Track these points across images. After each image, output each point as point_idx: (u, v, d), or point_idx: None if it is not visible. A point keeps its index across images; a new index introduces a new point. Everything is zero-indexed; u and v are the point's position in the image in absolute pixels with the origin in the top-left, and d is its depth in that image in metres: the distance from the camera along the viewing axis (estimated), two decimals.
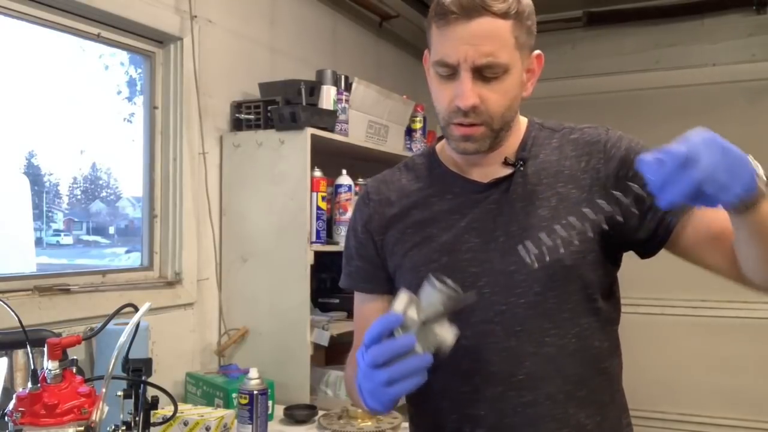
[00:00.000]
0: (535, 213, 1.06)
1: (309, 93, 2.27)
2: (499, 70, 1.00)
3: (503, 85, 1.02)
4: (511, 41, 1.00)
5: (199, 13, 2.25)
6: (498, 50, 0.99)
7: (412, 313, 0.91)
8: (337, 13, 3.10)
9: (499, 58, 0.99)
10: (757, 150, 3.44)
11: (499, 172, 1.11)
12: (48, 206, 2.24)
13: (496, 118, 1.04)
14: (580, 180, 1.08)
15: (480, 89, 1.01)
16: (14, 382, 1.49)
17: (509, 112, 1.06)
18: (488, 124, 1.04)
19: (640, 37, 3.70)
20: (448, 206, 1.13)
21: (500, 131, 1.06)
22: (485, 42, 0.99)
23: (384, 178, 1.23)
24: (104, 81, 2.24)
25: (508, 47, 1.00)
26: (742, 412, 3.44)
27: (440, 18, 1.01)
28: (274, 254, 2.25)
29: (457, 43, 1.00)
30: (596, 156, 1.09)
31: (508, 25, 1.00)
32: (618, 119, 3.69)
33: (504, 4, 0.99)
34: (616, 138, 1.11)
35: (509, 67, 1.01)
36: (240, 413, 1.81)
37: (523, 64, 1.05)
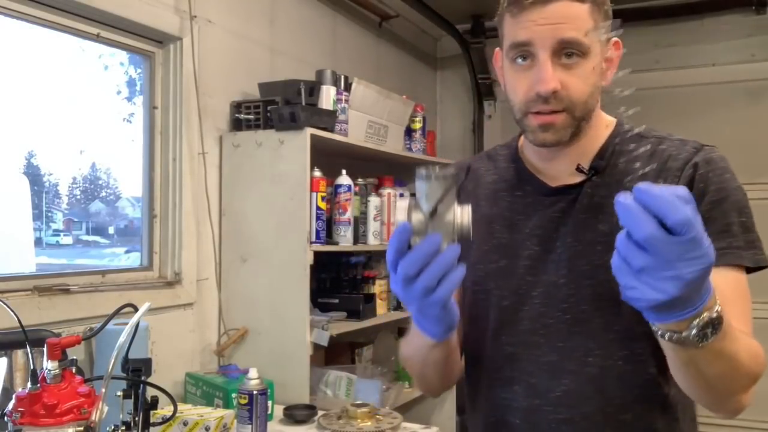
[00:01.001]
0: (596, 227, 1.01)
1: (309, 93, 2.27)
2: (579, 50, 0.96)
3: (584, 70, 0.98)
4: (590, 23, 0.97)
5: (199, 13, 2.25)
6: (577, 31, 0.96)
7: (417, 215, 0.84)
8: (336, 13, 3.10)
9: (580, 38, 0.96)
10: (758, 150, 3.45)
11: (570, 178, 1.06)
12: (47, 206, 2.24)
13: (578, 104, 0.99)
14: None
15: (560, 74, 0.97)
16: (14, 382, 1.49)
17: (591, 100, 1.00)
18: (570, 110, 0.99)
19: (640, 37, 3.69)
20: (514, 206, 1.10)
21: (582, 121, 1.01)
22: (564, 22, 0.95)
23: (460, 166, 1.20)
24: (104, 81, 2.25)
25: (586, 29, 0.96)
26: (743, 412, 3.44)
27: (515, 5, 0.98)
28: (273, 254, 2.25)
29: (533, 26, 0.96)
30: (673, 177, 1.00)
31: (585, 8, 0.96)
32: None
33: None
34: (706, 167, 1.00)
35: (589, 49, 0.97)
36: (239, 413, 1.81)
37: (602, 50, 1.00)
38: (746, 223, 0.98)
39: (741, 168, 3.73)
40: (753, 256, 0.97)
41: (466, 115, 4.08)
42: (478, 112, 4.04)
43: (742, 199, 1.00)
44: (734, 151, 4.10)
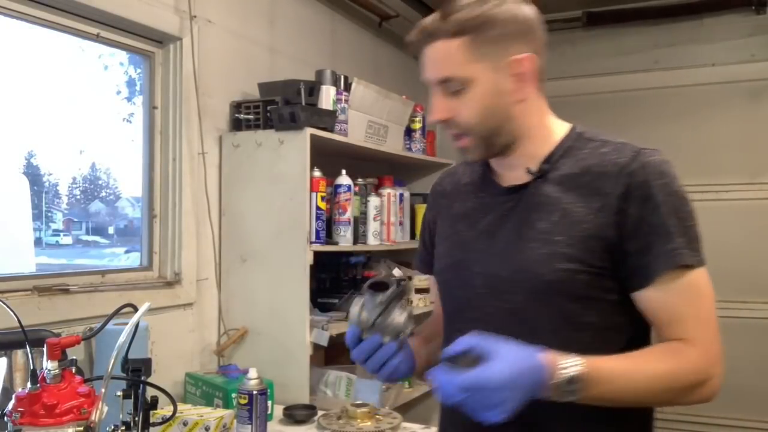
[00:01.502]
0: (535, 224, 1.09)
1: (308, 93, 2.27)
2: (458, 84, 1.08)
3: (470, 97, 1.08)
4: (466, 56, 1.06)
5: (199, 13, 2.25)
6: (451, 67, 1.07)
7: (363, 319, 1.11)
8: (336, 13, 3.10)
9: (453, 73, 1.07)
10: (758, 150, 3.44)
11: (521, 179, 1.14)
12: (47, 206, 2.24)
13: (473, 127, 1.10)
14: (597, 199, 1.06)
15: (451, 103, 1.09)
16: (14, 382, 1.49)
17: (489, 120, 1.09)
18: (468, 133, 1.11)
19: (639, 37, 3.70)
20: (475, 205, 1.21)
21: (489, 138, 1.11)
22: (438, 62, 1.09)
23: (449, 170, 1.35)
24: (104, 81, 2.25)
25: (460, 62, 1.07)
26: (742, 412, 3.44)
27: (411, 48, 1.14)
28: (273, 254, 2.25)
29: (424, 67, 1.12)
30: (611, 181, 1.06)
31: (461, 42, 1.06)
32: (618, 119, 3.70)
33: (451, 25, 1.07)
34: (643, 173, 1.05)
35: (470, 80, 1.07)
36: (239, 413, 1.81)
37: (498, 72, 1.07)
38: (685, 224, 1.04)
39: (741, 168, 3.73)
40: (695, 256, 1.04)
41: None
42: None
43: (680, 202, 1.05)
44: (734, 151, 4.13)
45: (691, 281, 1.04)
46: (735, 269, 3.46)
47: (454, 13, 1.08)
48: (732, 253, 3.47)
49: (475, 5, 1.07)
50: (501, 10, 1.07)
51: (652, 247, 1.03)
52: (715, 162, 3.52)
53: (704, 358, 1.02)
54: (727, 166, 3.51)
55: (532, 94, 1.12)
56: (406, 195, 2.94)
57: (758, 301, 3.43)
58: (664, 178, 1.05)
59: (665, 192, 1.04)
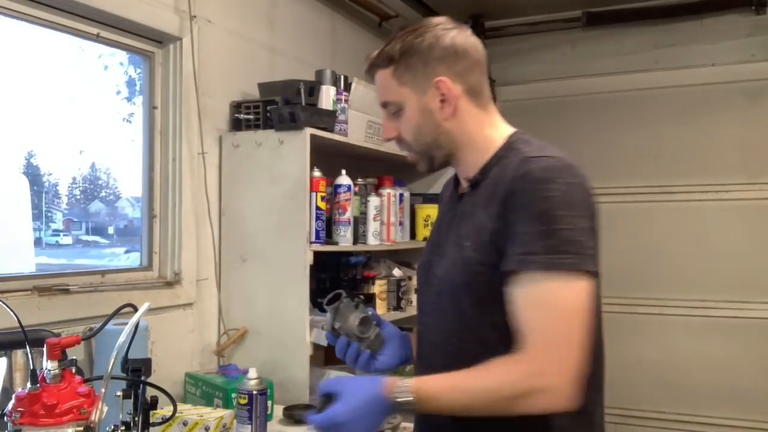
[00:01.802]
0: (459, 231, 1.22)
1: (308, 93, 2.27)
2: (393, 107, 1.25)
3: (406, 117, 1.24)
4: (394, 82, 1.23)
5: (199, 13, 2.25)
6: (386, 93, 1.26)
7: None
8: (336, 13, 3.10)
9: (387, 98, 1.26)
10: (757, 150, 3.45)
11: (466, 188, 1.28)
12: (47, 206, 2.24)
13: (412, 143, 1.26)
14: (493, 205, 1.14)
15: (394, 123, 1.27)
16: (13, 382, 1.49)
17: (423, 136, 1.24)
18: (412, 149, 1.28)
19: (639, 37, 3.70)
20: (444, 211, 1.37)
21: (427, 152, 1.26)
22: (379, 89, 1.28)
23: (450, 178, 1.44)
24: (103, 81, 2.25)
25: (393, 88, 1.24)
26: (742, 412, 3.44)
27: None
28: (273, 254, 2.25)
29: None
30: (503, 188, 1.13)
31: (390, 71, 1.23)
32: (617, 119, 3.70)
33: (383, 55, 1.24)
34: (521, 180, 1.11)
35: (401, 103, 1.24)
36: (239, 413, 1.81)
37: (423, 94, 1.22)
38: (544, 230, 1.06)
39: (741, 168, 3.74)
40: (549, 261, 1.05)
41: None
42: None
43: (544, 209, 1.07)
44: (734, 151, 4.12)
45: (541, 288, 1.06)
46: (735, 269, 3.46)
47: (386, 46, 1.25)
48: (732, 253, 3.47)
49: (402, 37, 1.23)
50: (422, 39, 1.21)
51: (511, 251, 1.09)
52: (715, 162, 3.52)
53: (528, 369, 1.05)
54: (727, 166, 3.51)
55: (463, 110, 1.23)
56: (406, 195, 2.94)
57: (758, 301, 3.43)
58: (539, 184, 1.09)
59: (534, 198, 1.08)
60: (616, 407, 3.48)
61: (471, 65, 1.23)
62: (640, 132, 3.65)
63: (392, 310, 2.84)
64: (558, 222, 1.06)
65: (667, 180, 3.59)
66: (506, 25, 3.92)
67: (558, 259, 1.05)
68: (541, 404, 1.05)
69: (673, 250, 3.57)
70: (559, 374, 1.04)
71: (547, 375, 1.04)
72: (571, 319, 1.05)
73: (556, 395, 1.04)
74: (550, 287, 1.06)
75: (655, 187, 3.63)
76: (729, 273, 3.47)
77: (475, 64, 1.24)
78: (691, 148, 3.55)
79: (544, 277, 1.05)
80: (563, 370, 1.04)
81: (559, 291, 1.06)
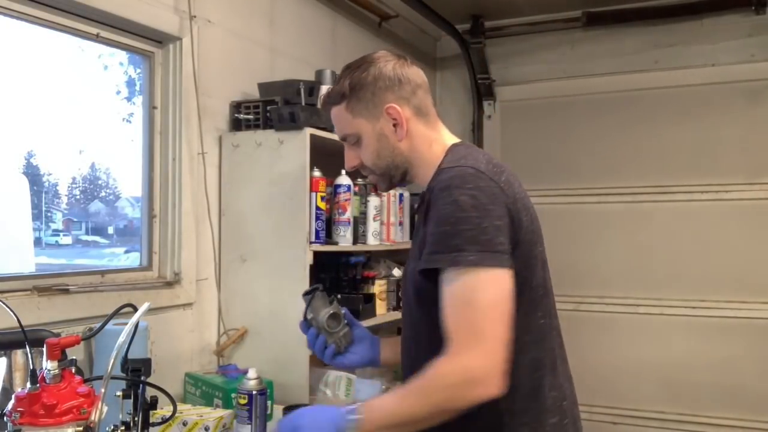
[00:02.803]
0: (414, 243, 1.34)
1: (308, 93, 2.27)
2: (351, 138, 1.37)
3: (365, 146, 1.36)
4: (349, 116, 1.35)
5: (198, 13, 2.25)
6: (343, 127, 1.37)
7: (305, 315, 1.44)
8: (336, 13, 3.10)
9: (345, 131, 1.37)
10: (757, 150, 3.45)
11: None
12: (47, 206, 2.24)
13: (373, 168, 1.37)
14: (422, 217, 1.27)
15: (355, 152, 1.38)
16: (13, 382, 1.49)
17: (379, 160, 1.35)
18: (373, 173, 1.39)
19: (639, 37, 3.69)
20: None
21: (386, 173, 1.37)
22: (336, 125, 1.39)
23: None
24: (103, 81, 2.24)
25: (348, 121, 1.35)
26: (742, 412, 3.44)
27: None
28: (273, 254, 2.25)
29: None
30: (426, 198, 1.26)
31: (342, 107, 1.35)
32: (617, 119, 3.70)
33: (333, 95, 1.36)
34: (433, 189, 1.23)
35: (358, 133, 1.35)
36: (239, 413, 1.81)
37: (377, 121, 1.32)
38: (448, 230, 1.16)
39: (741, 168, 3.75)
40: (453, 258, 1.15)
41: (466, 115, 4.08)
42: (478, 112, 4.04)
43: (449, 212, 1.17)
44: (734, 151, 4.12)
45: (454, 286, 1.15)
46: (735, 269, 3.46)
47: (336, 84, 1.37)
48: (732, 253, 3.47)
49: (349, 75, 1.34)
50: (367, 73, 1.32)
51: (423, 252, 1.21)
52: (715, 162, 3.52)
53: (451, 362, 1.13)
54: (727, 166, 3.51)
55: (413, 131, 1.33)
56: (406, 195, 2.94)
57: (758, 301, 3.43)
58: (445, 191, 1.19)
59: (440, 202, 1.19)
60: (616, 407, 3.48)
61: (414, 88, 1.34)
62: (640, 132, 3.65)
63: (392, 310, 2.84)
64: (461, 223, 1.15)
65: (667, 180, 3.58)
66: (506, 25, 3.92)
67: (460, 257, 1.14)
68: (473, 394, 1.11)
69: (673, 250, 3.57)
70: (483, 365, 1.11)
71: (473, 368, 1.12)
72: (486, 313, 1.13)
73: (484, 384, 1.11)
74: (463, 285, 1.14)
75: (655, 187, 3.63)
76: (729, 273, 3.47)
77: (417, 87, 1.34)
78: (691, 148, 3.55)
79: (455, 275, 1.15)
80: (487, 360, 1.12)
81: (470, 289, 1.14)
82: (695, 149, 3.55)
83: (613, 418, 3.55)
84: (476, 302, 1.13)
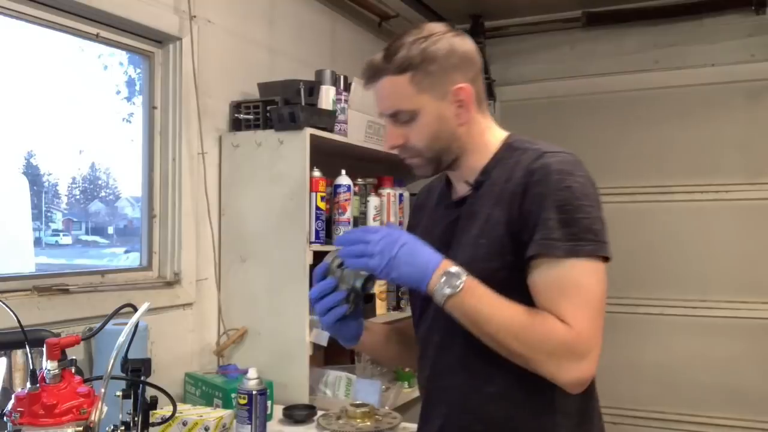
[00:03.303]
0: (470, 231, 1.23)
1: (308, 93, 2.27)
2: (406, 115, 1.22)
3: (418, 126, 1.22)
4: (411, 90, 1.20)
5: (198, 13, 2.25)
6: (398, 101, 1.22)
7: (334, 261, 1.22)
8: (336, 13, 3.10)
9: (401, 106, 1.22)
10: (757, 150, 3.45)
11: (465, 191, 1.28)
12: (47, 206, 2.24)
13: (422, 150, 1.24)
14: (504, 201, 1.18)
15: (402, 131, 1.24)
16: (13, 383, 1.49)
17: (435, 143, 1.24)
18: (419, 155, 1.26)
19: (639, 37, 3.69)
20: (435, 216, 1.35)
21: (437, 158, 1.25)
22: (387, 97, 1.24)
23: (428, 184, 1.47)
24: (103, 81, 2.24)
25: (409, 96, 1.21)
26: (742, 412, 3.44)
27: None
28: (273, 254, 2.25)
29: (376, 102, 1.27)
30: (518, 182, 1.17)
31: (405, 78, 1.20)
32: (617, 119, 3.70)
33: (396, 62, 1.20)
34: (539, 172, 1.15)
35: (417, 111, 1.21)
36: (239, 413, 1.81)
37: (442, 101, 1.21)
38: (566, 218, 1.11)
39: (741, 168, 3.74)
40: (572, 247, 1.10)
41: None
42: None
43: (566, 198, 1.12)
44: (734, 151, 4.11)
45: (564, 270, 1.11)
46: (735, 269, 3.46)
47: (398, 51, 1.21)
48: (732, 253, 3.47)
49: (416, 43, 1.20)
50: (439, 46, 1.20)
51: (532, 237, 1.13)
52: (715, 162, 3.52)
53: (573, 336, 1.08)
54: (727, 166, 3.51)
55: (473, 116, 1.25)
56: (406, 195, 2.94)
57: (758, 301, 3.43)
58: (558, 175, 1.14)
59: (554, 187, 1.13)
60: (616, 407, 3.48)
61: (478, 71, 1.26)
62: (640, 132, 3.65)
63: (392, 310, 2.84)
64: (578, 211, 1.11)
65: (667, 180, 3.58)
66: (506, 25, 3.92)
67: (578, 246, 1.10)
68: (571, 370, 1.09)
69: (673, 250, 3.57)
70: (596, 345, 1.09)
71: (588, 342, 1.09)
72: (596, 302, 1.10)
73: (587, 369, 1.09)
74: (574, 272, 1.10)
75: (655, 187, 3.63)
76: (729, 273, 3.47)
77: (480, 70, 1.27)
78: (691, 148, 3.55)
79: (567, 262, 1.10)
80: (598, 342, 1.10)
81: (582, 276, 1.11)
82: (695, 149, 3.55)
83: (613, 418, 3.54)
84: (587, 291, 1.10)
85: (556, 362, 1.09)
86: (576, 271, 1.10)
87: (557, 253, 1.10)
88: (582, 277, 1.10)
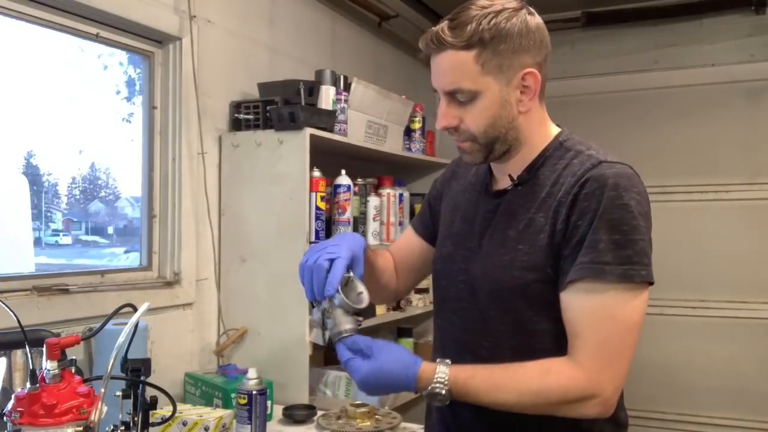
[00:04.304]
0: (506, 231, 1.15)
1: (308, 93, 2.27)
2: (467, 95, 1.10)
3: (477, 107, 1.11)
4: (476, 69, 1.09)
5: (198, 13, 2.25)
6: (460, 79, 1.10)
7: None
8: (336, 13, 3.10)
9: (462, 85, 1.10)
10: (757, 150, 3.45)
11: (507, 185, 1.19)
12: (47, 206, 2.24)
13: (477, 135, 1.13)
14: (550, 208, 1.10)
15: (458, 111, 1.13)
16: (13, 382, 1.49)
17: (492, 130, 1.13)
18: (473, 140, 1.14)
19: (639, 37, 3.69)
20: (472, 201, 1.26)
21: (490, 145, 1.14)
22: (448, 73, 1.11)
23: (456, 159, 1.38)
24: (103, 81, 2.24)
25: (473, 74, 1.09)
26: (742, 412, 3.44)
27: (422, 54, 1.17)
28: (272, 254, 2.25)
29: (433, 74, 1.15)
30: (567, 190, 1.09)
31: (471, 55, 1.08)
32: (617, 119, 3.70)
33: (463, 36, 1.07)
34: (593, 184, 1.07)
35: (478, 91, 1.10)
36: (239, 413, 1.81)
37: (507, 84, 1.10)
38: (620, 240, 1.03)
39: (741, 168, 3.74)
40: (625, 272, 1.02)
41: None
42: None
43: (622, 217, 1.04)
44: (734, 151, 4.11)
45: (603, 298, 1.04)
46: (735, 269, 3.46)
47: (466, 25, 1.08)
48: (732, 253, 3.47)
49: (488, 17, 1.07)
50: (512, 24, 1.08)
51: (575, 255, 1.05)
52: (715, 162, 3.52)
53: (583, 382, 1.04)
54: (727, 166, 3.51)
55: (534, 105, 1.15)
56: (406, 195, 2.94)
57: (758, 301, 3.43)
58: (613, 190, 1.05)
59: (608, 204, 1.04)
60: None
61: (547, 55, 1.15)
62: (640, 132, 3.65)
63: (392, 310, 2.84)
64: (634, 232, 1.04)
65: (666, 180, 3.58)
66: None
67: (633, 271, 1.03)
68: (588, 411, 1.06)
69: (673, 250, 3.56)
70: (611, 385, 1.05)
71: (601, 385, 1.04)
72: (629, 332, 1.06)
73: (603, 404, 1.06)
74: (618, 299, 1.04)
75: (655, 187, 3.60)
76: (729, 273, 3.47)
77: (548, 55, 1.15)
78: (690, 148, 3.55)
79: (614, 287, 1.03)
80: (614, 381, 1.05)
81: (625, 303, 1.04)
82: (695, 149, 3.55)
83: None
84: (624, 321, 1.04)
85: (576, 408, 1.06)
86: (619, 300, 1.04)
87: (608, 278, 1.02)
88: (622, 308, 1.04)
